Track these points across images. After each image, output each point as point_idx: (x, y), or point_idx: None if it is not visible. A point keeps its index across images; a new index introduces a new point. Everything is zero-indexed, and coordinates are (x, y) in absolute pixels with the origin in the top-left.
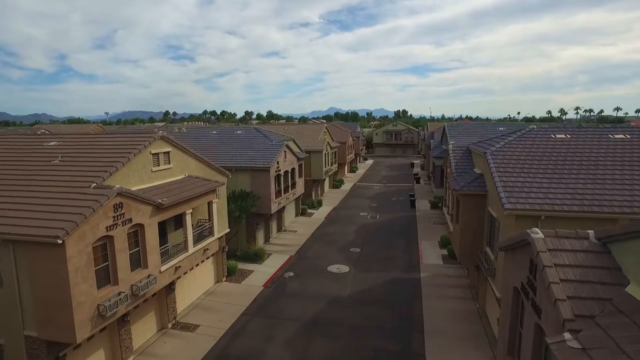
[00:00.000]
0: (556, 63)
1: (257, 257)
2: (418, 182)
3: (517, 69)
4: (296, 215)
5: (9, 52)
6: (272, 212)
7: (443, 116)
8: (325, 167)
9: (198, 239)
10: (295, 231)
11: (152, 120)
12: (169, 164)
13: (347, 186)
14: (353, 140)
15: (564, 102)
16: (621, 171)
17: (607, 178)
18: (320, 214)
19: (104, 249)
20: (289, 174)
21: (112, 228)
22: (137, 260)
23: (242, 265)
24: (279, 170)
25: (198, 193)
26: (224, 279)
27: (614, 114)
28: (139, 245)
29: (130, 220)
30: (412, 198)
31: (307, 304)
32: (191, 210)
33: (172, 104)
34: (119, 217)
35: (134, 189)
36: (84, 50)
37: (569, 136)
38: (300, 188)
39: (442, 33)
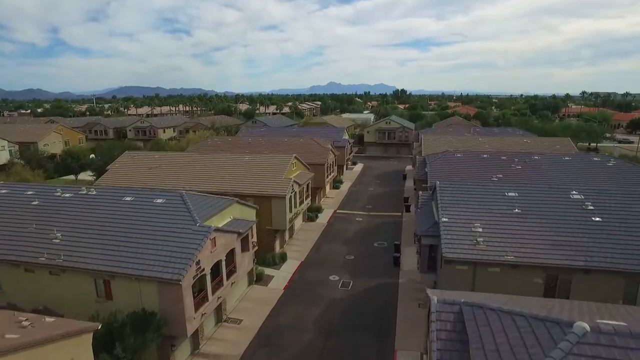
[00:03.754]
0: (560, 37)
1: None
2: (408, 209)
3: (520, 43)
4: (249, 285)
5: None
6: (188, 335)
7: (443, 93)
8: (291, 212)
9: None
10: (240, 322)
11: (138, 104)
12: None
13: (324, 216)
14: (335, 155)
15: (566, 76)
16: None
17: None
18: (279, 280)
19: None
20: (223, 261)
21: None
22: None
23: None
24: (202, 271)
25: None
26: None
27: (621, 94)
28: None
29: None
30: (395, 254)
31: None
32: None
33: (169, 78)
34: None
35: None
36: (77, 23)
37: None
38: (244, 268)
39: (443, 6)
